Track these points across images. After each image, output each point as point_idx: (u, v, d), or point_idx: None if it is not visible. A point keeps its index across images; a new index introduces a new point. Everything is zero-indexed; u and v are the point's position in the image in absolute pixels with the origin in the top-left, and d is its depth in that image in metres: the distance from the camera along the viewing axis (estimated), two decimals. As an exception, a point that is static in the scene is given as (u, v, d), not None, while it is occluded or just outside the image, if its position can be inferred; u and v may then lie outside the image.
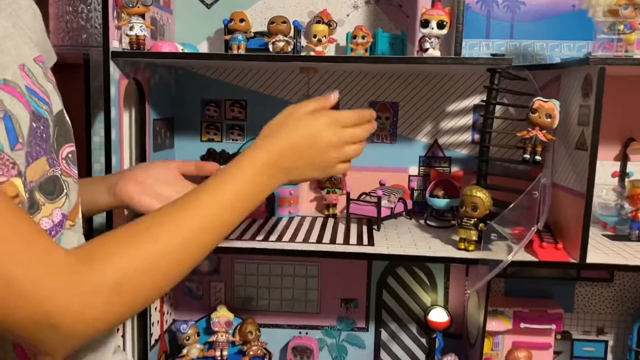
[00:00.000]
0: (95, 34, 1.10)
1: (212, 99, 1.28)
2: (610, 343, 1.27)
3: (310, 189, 1.28)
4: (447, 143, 1.25)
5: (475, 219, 0.98)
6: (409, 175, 1.27)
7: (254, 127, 1.28)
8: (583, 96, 0.96)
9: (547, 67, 1.07)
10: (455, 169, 1.25)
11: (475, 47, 1.21)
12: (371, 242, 1.02)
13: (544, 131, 0.98)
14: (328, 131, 0.75)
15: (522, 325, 1.20)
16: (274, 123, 0.75)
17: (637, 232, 1.08)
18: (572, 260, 0.94)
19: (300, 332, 1.31)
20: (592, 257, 0.94)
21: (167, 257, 0.57)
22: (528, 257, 0.96)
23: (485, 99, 1.04)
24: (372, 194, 1.20)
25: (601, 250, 1.00)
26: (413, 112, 1.25)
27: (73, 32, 1.15)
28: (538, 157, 0.98)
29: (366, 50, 1.07)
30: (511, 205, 0.95)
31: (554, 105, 0.97)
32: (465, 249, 0.99)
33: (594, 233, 1.13)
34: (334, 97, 0.80)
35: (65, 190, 0.60)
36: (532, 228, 0.97)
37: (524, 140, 0.99)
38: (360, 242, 1.03)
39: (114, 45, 0.96)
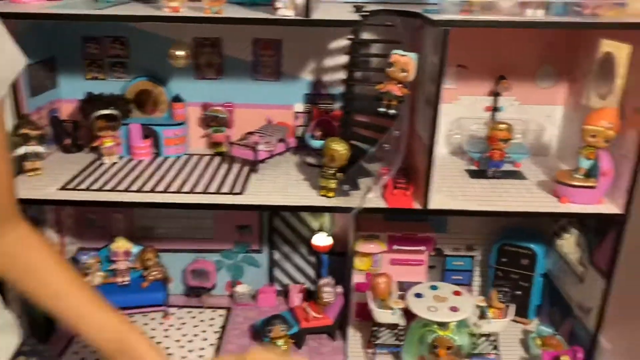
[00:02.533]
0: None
1: (92, 36, 1.25)
2: (477, 258, 1.43)
3: (198, 126, 1.32)
4: (331, 81, 1.28)
5: (334, 169, 1.05)
6: (295, 112, 1.31)
7: (136, 65, 1.27)
8: (434, 53, 0.99)
9: (413, 15, 1.07)
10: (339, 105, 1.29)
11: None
12: (243, 190, 1.09)
13: (400, 85, 1.02)
14: None
15: (395, 247, 1.33)
16: None
17: (493, 169, 1.18)
18: (417, 207, 1.04)
19: (198, 256, 1.42)
20: (435, 203, 1.04)
21: None
22: (378, 204, 1.05)
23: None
24: (256, 132, 1.24)
25: (449, 193, 1.10)
26: (296, 50, 1.25)
27: None
28: (392, 110, 1.03)
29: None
30: (364, 157, 1.02)
31: (409, 59, 1.00)
32: (326, 196, 1.07)
33: (456, 168, 1.22)
34: None
35: None
36: (384, 177, 1.05)
37: (382, 93, 1.03)
38: (232, 189, 1.10)
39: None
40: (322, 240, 1.35)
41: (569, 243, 1.23)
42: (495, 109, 1.27)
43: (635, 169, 0.98)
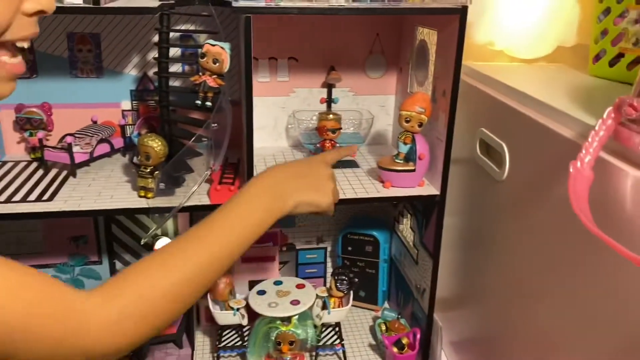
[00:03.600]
0: None
1: None
2: (329, 249, 1.43)
3: (14, 130, 1.20)
4: (158, 75, 1.21)
5: (151, 167, 0.99)
6: (122, 110, 1.23)
7: None
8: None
9: (224, 4, 1.04)
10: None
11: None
12: (53, 197, 1.00)
13: (215, 76, 0.98)
14: (324, 165, 0.86)
15: (242, 246, 1.29)
16: (275, 168, 0.82)
17: (327, 160, 1.17)
18: (242, 202, 1.01)
19: (27, 274, 1.29)
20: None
21: (179, 286, 0.65)
22: (202, 202, 1.00)
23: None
24: (76, 134, 1.15)
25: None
26: (117, 44, 1.18)
27: None
28: (208, 103, 0.99)
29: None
30: (180, 151, 0.97)
31: (221, 49, 0.97)
32: (145, 197, 1.01)
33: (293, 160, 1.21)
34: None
35: None
36: (205, 172, 1.00)
37: (197, 85, 0.99)
38: (41, 197, 1.00)
39: None
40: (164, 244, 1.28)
41: (406, 227, 1.26)
42: (330, 101, 1.28)
43: (448, 151, 1.02)
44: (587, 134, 0.69)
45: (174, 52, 1.19)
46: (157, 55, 1.00)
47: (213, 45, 0.96)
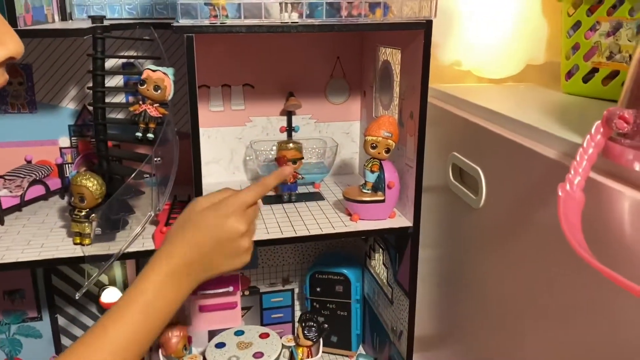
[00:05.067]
0: None
1: None
2: (296, 291, 1.32)
3: None
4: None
5: (86, 210, 0.87)
6: (60, 148, 1.11)
7: None
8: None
9: (168, 26, 0.95)
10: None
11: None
12: (-29, 247, 0.87)
13: (157, 104, 0.88)
14: (235, 222, 0.71)
15: (200, 292, 1.17)
16: (177, 226, 0.71)
17: (288, 193, 1.08)
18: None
19: (-47, 337, 1.14)
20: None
21: None
22: (145, 246, 0.88)
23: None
24: (6, 176, 1.03)
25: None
26: (51, 75, 1.07)
27: None
28: (150, 135, 0.89)
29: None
30: (118, 190, 0.86)
31: (162, 74, 0.87)
32: (81, 244, 0.88)
33: (252, 197, 1.10)
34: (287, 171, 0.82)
35: None
36: (149, 214, 0.89)
37: (137, 115, 0.88)
38: (-42, 248, 0.87)
39: None
40: (111, 296, 1.15)
41: (378, 263, 1.16)
42: (290, 129, 1.19)
43: (419, 178, 0.93)
44: (570, 152, 0.61)
45: (117, 81, 1.09)
46: (91, 85, 0.89)
47: (154, 70, 0.87)
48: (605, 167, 0.60)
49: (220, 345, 1.05)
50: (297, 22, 0.83)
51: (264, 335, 1.08)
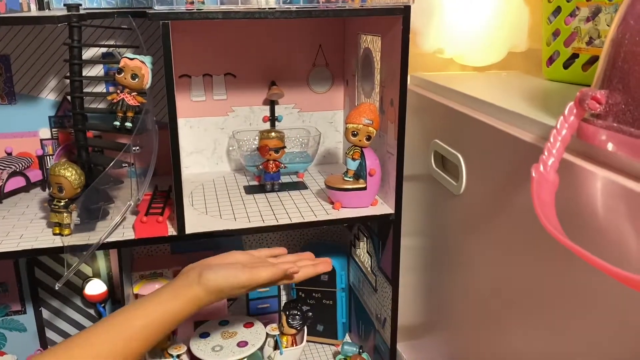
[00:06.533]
0: None
1: None
2: (282, 281, 1.31)
3: None
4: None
5: (65, 200, 0.86)
6: (41, 140, 1.10)
7: None
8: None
9: (145, 15, 0.94)
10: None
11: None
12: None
13: (134, 93, 0.88)
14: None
15: (184, 283, 1.16)
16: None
17: (271, 182, 1.07)
18: (173, 233, 0.89)
19: None
20: (194, 226, 0.90)
21: None
22: (126, 236, 0.88)
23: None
24: (-14, 168, 1.01)
25: (215, 214, 0.96)
26: (30, 66, 1.06)
27: None
28: (128, 124, 0.88)
29: None
30: (96, 180, 0.85)
31: (140, 62, 0.86)
32: (60, 234, 0.88)
33: (235, 186, 1.10)
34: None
35: None
36: (128, 203, 0.88)
37: (115, 104, 0.88)
38: None
39: None
40: (95, 288, 1.15)
41: (362, 252, 1.16)
42: (273, 119, 1.18)
43: (400, 165, 0.93)
44: (547, 136, 0.61)
45: (97, 71, 1.08)
46: (68, 74, 0.88)
47: (131, 59, 0.86)
48: (579, 148, 0.61)
49: (205, 335, 1.05)
50: (274, 8, 0.83)
51: (249, 325, 1.07)
